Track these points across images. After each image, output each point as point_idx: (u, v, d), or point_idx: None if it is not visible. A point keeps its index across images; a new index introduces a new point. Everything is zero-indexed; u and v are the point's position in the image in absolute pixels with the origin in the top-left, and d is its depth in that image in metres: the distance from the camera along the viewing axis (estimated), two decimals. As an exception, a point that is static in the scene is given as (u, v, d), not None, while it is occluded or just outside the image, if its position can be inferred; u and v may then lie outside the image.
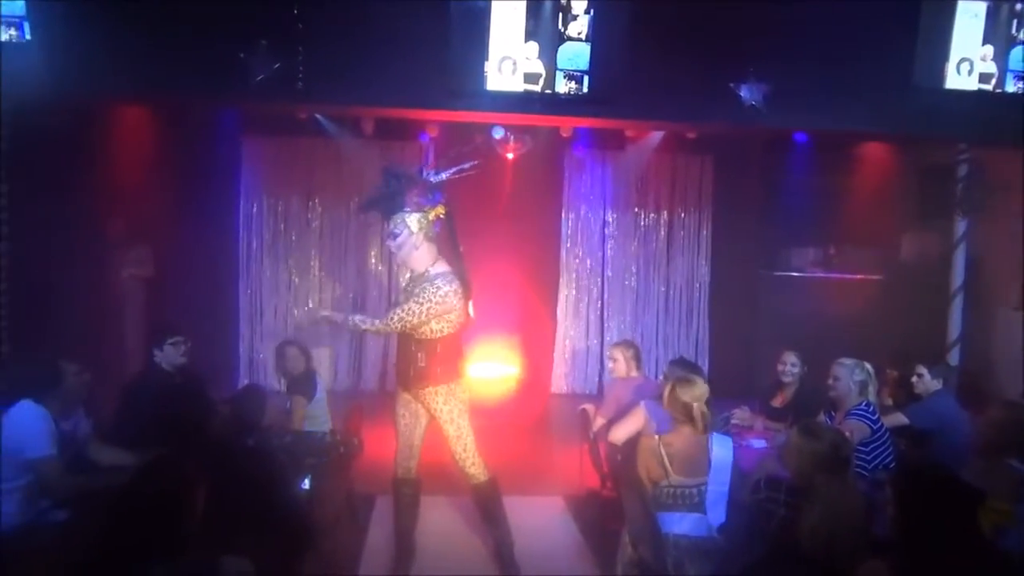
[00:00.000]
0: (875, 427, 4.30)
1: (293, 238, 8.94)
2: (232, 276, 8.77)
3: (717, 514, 3.68)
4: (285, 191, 8.88)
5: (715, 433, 3.92)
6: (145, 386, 4.65)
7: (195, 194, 7.64)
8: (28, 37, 4.99)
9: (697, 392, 3.71)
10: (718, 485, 3.74)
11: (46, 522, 3.66)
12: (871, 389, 4.49)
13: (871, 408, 4.39)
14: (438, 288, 4.16)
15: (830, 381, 4.52)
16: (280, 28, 5.22)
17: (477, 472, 4.46)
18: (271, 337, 8.79)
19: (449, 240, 4.35)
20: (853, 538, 2.90)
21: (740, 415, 5.22)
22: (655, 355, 9.17)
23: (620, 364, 5.38)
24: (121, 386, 4.81)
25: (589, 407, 5.49)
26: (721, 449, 3.84)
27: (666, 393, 3.76)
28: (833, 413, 4.58)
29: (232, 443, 3.74)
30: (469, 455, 4.43)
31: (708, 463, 3.71)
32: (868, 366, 4.52)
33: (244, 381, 8.58)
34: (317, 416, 5.29)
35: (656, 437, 3.66)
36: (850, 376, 4.44)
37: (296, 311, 8.96)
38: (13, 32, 4.99)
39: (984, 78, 5.63)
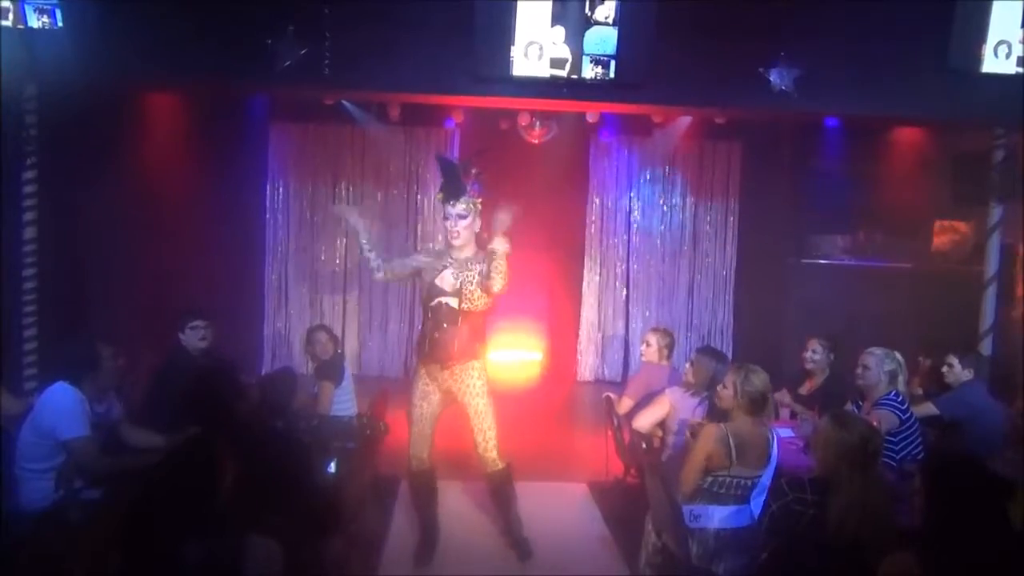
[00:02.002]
0: (904, 417, 4.25)
1: (319, 223, 8.99)
2: (259, 260, 8.86)
3: (758, 503, 3.65)
4: (311, 176, 8.93)
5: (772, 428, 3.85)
6: (172, 369, 4.73)
7: (223, 179, 7.71)
8: (60, 24, 5.06)
9: (766, 379, 3.64)
10: (766, 476, 3.69)
11: (80, 501, 3.74)
12: (901, 379, 4.42)
13: (900, 398, 4.33)
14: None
15: (858, 370, 4.46)
16: (307, 14, 5.23)
17: (494, 455, 4.54)
18: (296, 320, 8.89)
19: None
20: (880, 529, 2.88)
21: (779, 398, 5.16)
22: (680, 342, 9.09)
23: (652, 350, 5.37)
24: (150, 369, 4.90)
25: (613, 394, 5.49)
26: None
27: (734, 382, 3.66)
28: (860, 402, 4.52)
29: (261, 426, 3.78)
30: (492, 433, 4.53)
31: (769, 454, 3.64)
32: (899, 356, 4.45)
33: (268, 364, 8.69)
34: (344, 400, 5.34)
35: (723, 425, 3.60)
36: (880, 366, 4.37)
37: (322, 297, 9.03)
38: (45, 20, 5.06)
39: (1023, 61, 5.49)
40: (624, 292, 9.29)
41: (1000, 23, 5.42)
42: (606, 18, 5.23)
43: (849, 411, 4.01)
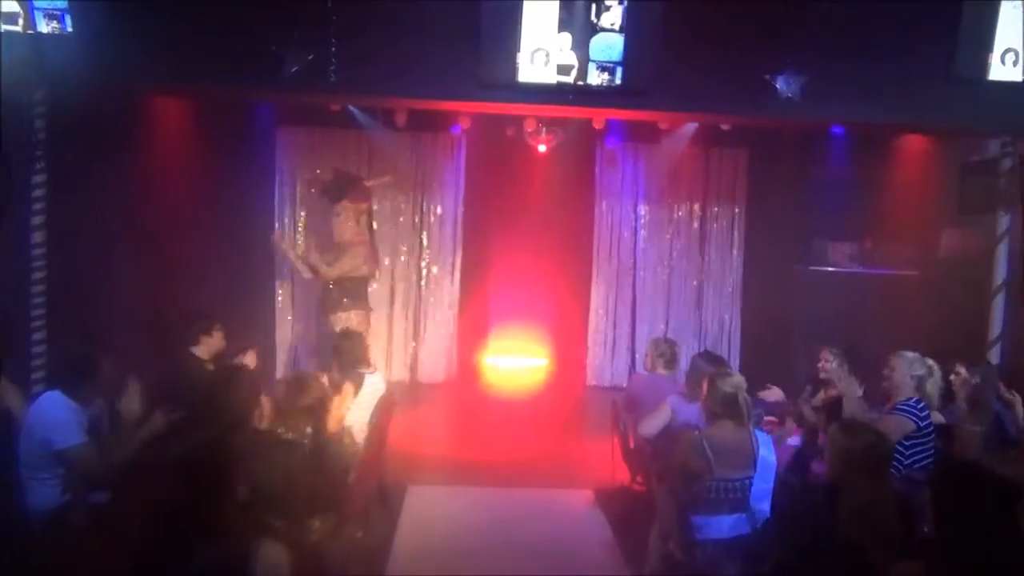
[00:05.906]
0: (921, 425, 4.14)
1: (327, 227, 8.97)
2: (266, 264, 8.85)
3: (762, 509, 3.63)
4: (318, 181, 8.92)
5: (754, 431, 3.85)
6: (188, 376, 4.70)
7: (230, 183, 7.73)
8: (69, 29, 5.09)
9: (736, 381, 3.68)
10: (763, 482, 3.67)
11: (86, 504, 3.73)
12: (929, 386, 4.33)
13: (921, 405, 4.20)
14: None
15: (885, 371, 4.37)
16: (313, 20, 5.25)
17: None
18: (303, 326, 8.88)
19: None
20: (887, 538, 2.87)
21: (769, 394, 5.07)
22: (687, 349, 9.07)
23: (646, 359, 5.38)
24: (160, 375, 4.87)
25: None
26: (763, 448, 3.74)
27: (705, 386, 3.71)
28: (882, 406, 4.46)
29: (273, 431, 3.77)
30: None
31: (753, 456, 3.64)
32: (931, 363, 4.37)
33: (278, 368, 8.68)
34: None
35: (698, 432, 3.62)
36: (907, 369, 4.27)
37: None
38: (55, 24, 5.09)
39: (1030, 69, 5.48)
40: (631, 298, 9.27)
41: (1007, 31, 5.42)
42: (612, 25, 5.23)
43: (856, 419, 3.97)
